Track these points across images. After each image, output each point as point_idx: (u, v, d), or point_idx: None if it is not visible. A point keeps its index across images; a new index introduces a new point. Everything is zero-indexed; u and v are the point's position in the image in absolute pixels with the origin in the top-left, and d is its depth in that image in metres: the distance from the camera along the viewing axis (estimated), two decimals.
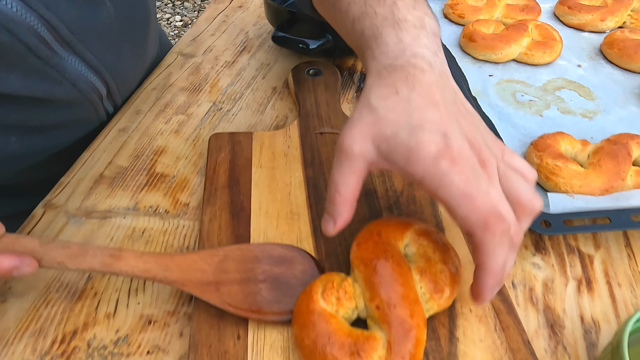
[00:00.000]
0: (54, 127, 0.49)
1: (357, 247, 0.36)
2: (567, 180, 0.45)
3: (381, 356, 0.30)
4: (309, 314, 0.32)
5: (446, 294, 0.34)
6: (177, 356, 0.35)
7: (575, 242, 0.43)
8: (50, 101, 0.46)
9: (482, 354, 0.34)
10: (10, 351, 0.35)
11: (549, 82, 0.61)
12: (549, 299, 0.39)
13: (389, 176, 0.46)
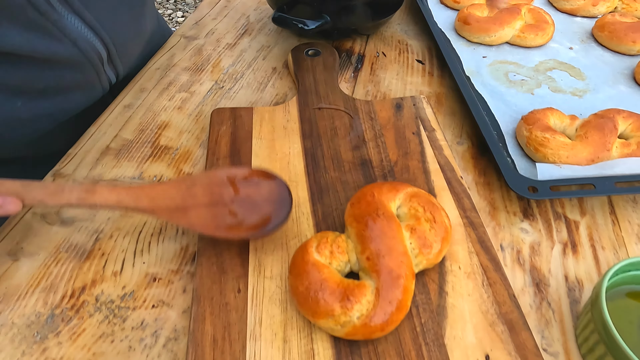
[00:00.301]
0: (58, 90, 0.51)
1: (351, 206, 0.38)
2: (555, 151, 0.46)
3: (370, 301, 0.32)
4: (304, 264, 0.34)
5: (435, 249, 0.36)
6: (180, 310, 0.37)
7: (562, 209, 0.45)
8: (52, 61, 0.47)
9: (469, 306, 0.35)
10: (23, 304, 0.37)
11: (541, 63, 0.62)
12: (535, 261, 0.41)
13: (384, 147, 0.48)
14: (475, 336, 0.34)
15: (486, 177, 0.48)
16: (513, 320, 0.35)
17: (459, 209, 0.42)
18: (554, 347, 0.35)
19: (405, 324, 0.34)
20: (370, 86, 0.59)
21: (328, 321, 0.32)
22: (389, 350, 0.33)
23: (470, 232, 0.40)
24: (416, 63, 0.63)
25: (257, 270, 0.37)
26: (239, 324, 0.34)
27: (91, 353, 0.34)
